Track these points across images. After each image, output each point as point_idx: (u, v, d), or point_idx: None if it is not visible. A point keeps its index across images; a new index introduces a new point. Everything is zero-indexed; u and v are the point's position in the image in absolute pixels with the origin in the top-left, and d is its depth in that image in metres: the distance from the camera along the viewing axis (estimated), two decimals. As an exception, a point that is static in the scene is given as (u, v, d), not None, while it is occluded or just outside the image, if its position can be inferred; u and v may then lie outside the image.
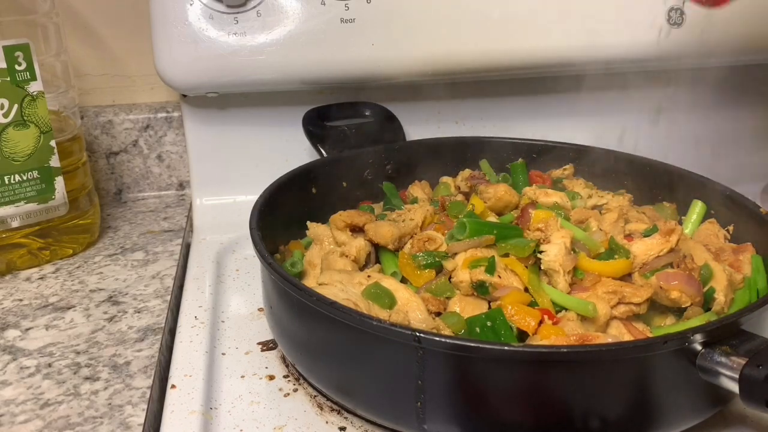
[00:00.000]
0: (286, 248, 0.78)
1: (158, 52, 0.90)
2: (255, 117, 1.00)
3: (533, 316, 0.59)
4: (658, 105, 1.06)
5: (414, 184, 0.88)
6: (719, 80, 0.99)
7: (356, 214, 0.75)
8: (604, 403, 0.54)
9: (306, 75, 0.92)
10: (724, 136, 1.09)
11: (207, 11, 0.88)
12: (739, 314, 0.56)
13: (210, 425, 0.61)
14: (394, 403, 0.57)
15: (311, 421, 0.62)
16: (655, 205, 0.83)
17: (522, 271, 0.65)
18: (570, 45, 0.93)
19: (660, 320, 0.66)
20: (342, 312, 0.56)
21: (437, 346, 0.52)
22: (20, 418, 0.60)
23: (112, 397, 0.63)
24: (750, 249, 0.72)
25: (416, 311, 0.62)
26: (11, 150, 0.80)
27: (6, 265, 0.84)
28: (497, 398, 0.54)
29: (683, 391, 0.55)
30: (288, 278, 0.60)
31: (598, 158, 0.89)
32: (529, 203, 0.76)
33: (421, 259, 0.68)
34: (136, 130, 1.08)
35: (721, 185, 0.79)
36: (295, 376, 0.68)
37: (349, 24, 0.90)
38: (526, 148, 0.92)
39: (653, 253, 0.68)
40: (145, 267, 0.87)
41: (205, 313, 0.76)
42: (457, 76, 0.97)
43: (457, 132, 1.03)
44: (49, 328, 0.74)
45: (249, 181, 0.92)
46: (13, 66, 0.78)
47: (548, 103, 1.04)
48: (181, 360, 0.68)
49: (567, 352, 0.53)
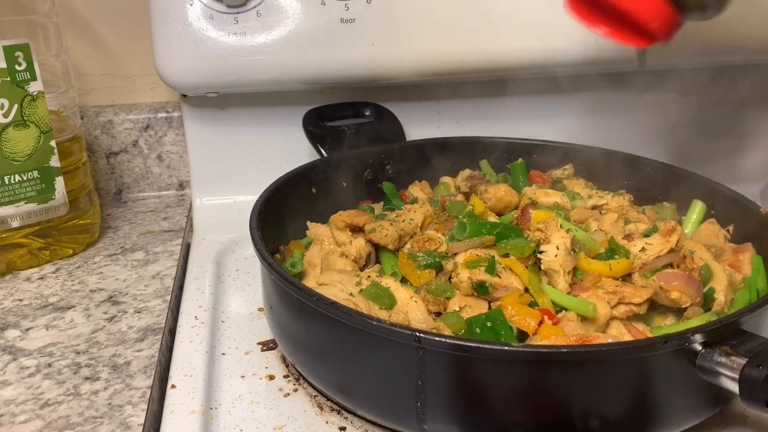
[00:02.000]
0: (286, 248, 0.78)
1: (158, 52, 0.90)
2: (255, 117, 1.00)
3: (533, 316, 0.59)
4: (659, 105, 1.07)
5: (414, 184, 0.88)
6: (719, 80, 0.99)
7: (356, 214, 0.75)
8: (604, 403, 0.54)
9: (306, 75, 0.92)
10: (724, 136, 1.09)
11: (207, 11, 0.88)
12: (739, 314, 0.56)
13: (210, 425, 0.61)
14: (394, 403, 0.57)
15: (311, 421, 0.62)
16: (655, 205, 0.83)
17: (522, 271, 0.65)
18: (570, 45, 0.93)
19: (660, 320, 0.66)
20: (342, 312, 0.56)
21: (437, 346, 0.52)
22: (20, 418, 0.60)
23: (112, 397, 0.63)
24: (750, 249, 0.72)
25: (416, 311, 0.62)
26: (11, 150, 0.80)
27: (6, 265, 0.84)
28: (497, 398, 0.54)
29: (683, 391, 0.55)
30: (288, 278, 0.60)
31: (598, 158, 0.89)
32: (529, 203, 0.76)
33: (421, 259, 0.68)
34: (136, 130, 1.08)
35: (721, 185, 0.79)
36: (295, 376, 0.68)
37: (349, 24, 0.90)
38: (526, 148, 0.92)
39: (653, 253, 0.68)
40: (145, 267, 0.87)
41: (205, 313, 0.76)
42: (457, 76, 0.97)
43: (457, 132, 1.03)
44: (49, 328, 0.74)
45: (249, 181, 0.92)
46: (13, 66, 0.78)
47: (549, 103, 1.04)
48: (181, 360, 0.68)
49: (567, 352, 0.53)
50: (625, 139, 0.96)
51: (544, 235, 0.66)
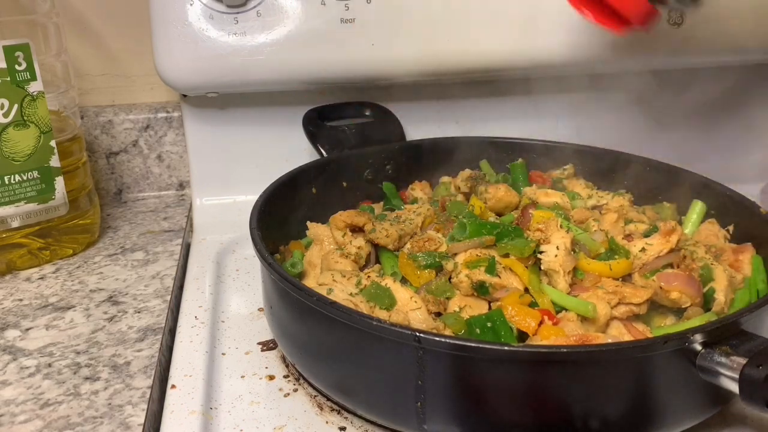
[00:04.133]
0: (286, 248, 0.78)
1: (158, 52, 0.90)
2: (255, 117, 1.00)
3: (533, 317, 0.59)
4: (659, 105, 1.07)
5: (414, 184, 0.89)
6: (719, 80, 0.99)
7: (356, 214, 0.75)
8: (604, 403, 0.54)
9: (306, 75, 0.92)
10: (725, 135, 1.09)
11: (207, 11, 0.88)
12: (739, 314, 0.56)
13: (210, 425, 0.61)
14: (394, 403, 0.57)
15: (311, 421, 0.62)
16: (655, 205, 0.83)
17: (522, 271, 0.65)
18: (570, 45, 0.93)
19: (660, 320, 0.66)
20: (342, 312, 0.56)
21: (437, 346, 0.52)
22: (20, 418, 0.60)
23: (112, 397, 0.63)
24: (750, 249, 0.72)
25: (416, 311, 0.62)
26: (11, 150, 0.80)
27: (6, 265, 0.84)
28: (497, 398, 0.54)
29: (683, 391, 0.55)
30: (288, 278, 0.60)
31: (598, 158, 0.89)
32: (529, 203, 0.76)
33: (421, 259, 0.68)
34: (136, 130, 1.08)
35: (721, 185, 0.79)
36: (295, 376, 0.68)
37: (349, 24, 0.90)
38: (526, 148, 0.92)
39: (653, 253, 0.68)
40: (145, 267, 0.87)
41: (205, 313, 0.76)
42: (457, 76, 0.97)
43: (457, 132, 1.03)
44: (49, 328, 0.74)
45: (249, 181, 0.92)
46: (14, 66, 0.78)
47: (549, 103, 1.04)
48: (181, 360, 0.68)
49: (567, 352, 0.53)
50: (625, 139, 0.96)
51: (544, 236, 0.66)
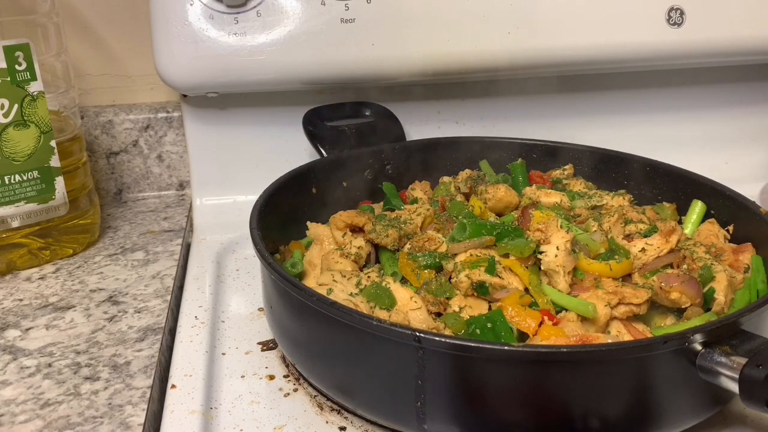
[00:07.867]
0: (286, 248, 0.78)
1: (158, 52, 0.90)
2: (255, 117, 1.00)
3: (533, 317, 0.59)
4: (660, 105, 1.07)
5: (414, 184, 0.88)
6: (719, 80, 0.99)
7: (356, 214, 0.75)
8: (604, 403, 0.54)
9: (306, 75, 0.92)
10: (725, 135, 1.09)
11: (207, 11, 0.88)
12: (739, 314, 0.56)
13: (210, 425, 0.61)
14: (394, 403, 0.57)
15: (311, 421, 0.62)
16: (655, 205, 0.83)
17: (522, 271, 0.65)
18: (570, 45, 0.93)
19: (660, 320, 0.66)
20: (342, 312, 0.56)
21: (437, 346, 0.52)
22: (20, 418, 0.60)
23: (112, 397, 0.63)
24: (750, 249, 0.72)
25: (416, 311, 0.62)
26: (11, 150, 0.80)
27: (6, 265, 0.84)
28: (497, 398, 0.54)
29: (683, 391, 0.55)
30: (288, 278, 0.60)
31: (598, 158, 0.89)
32: (529, 204, 0.76)
33: (421, 259, 0.68)
34: (136, 130, 1.08)
35: (721, 185, 0.79)
36: (295, 376, 0.68)
37: (349, 24, 0.90)
38: (526, 148, 0.92)
39: (653, 253, 0.68)
40: (145, 267, 0.87)
41: (205, 313, 0.76)
42: (457, 76, 0.97)
43: (457, 132, 1.03)
44: (50, 328, 0.74)
45: (249, 181, 0.92)
46: (14, 66, 0.78)
47: (549, 103, 1.04)
48: (181, 360, 0.68)
49: (567, 352, 0.53)
50: (624, 138, 0.96)
51: (544, 236, 0.66)
